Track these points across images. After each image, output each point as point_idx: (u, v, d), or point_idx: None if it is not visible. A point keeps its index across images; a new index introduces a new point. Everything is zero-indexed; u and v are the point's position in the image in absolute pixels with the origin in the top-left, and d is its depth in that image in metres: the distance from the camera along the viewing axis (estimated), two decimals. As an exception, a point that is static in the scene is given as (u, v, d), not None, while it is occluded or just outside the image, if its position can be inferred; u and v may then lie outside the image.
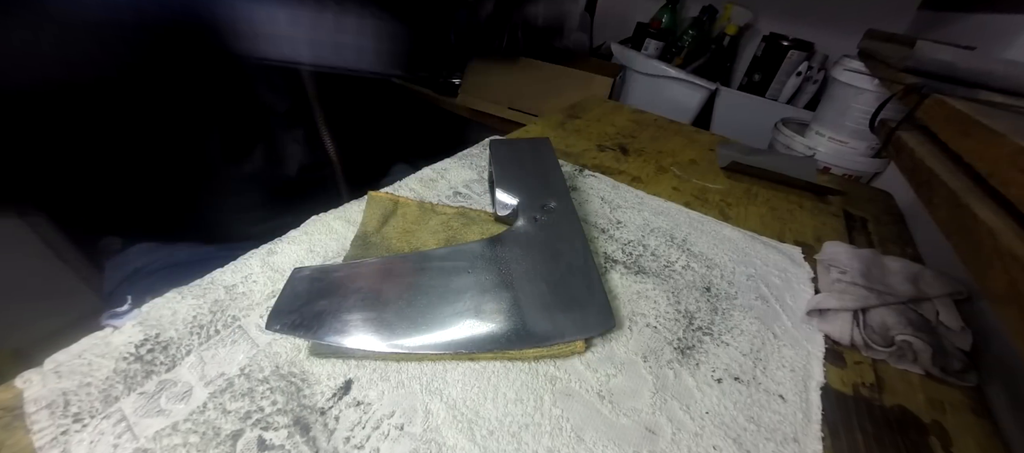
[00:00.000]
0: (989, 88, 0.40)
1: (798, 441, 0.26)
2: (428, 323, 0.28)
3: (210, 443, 0.21)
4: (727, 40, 1.30)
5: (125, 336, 0.26)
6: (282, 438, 0.22)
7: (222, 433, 0.22)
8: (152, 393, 0.23)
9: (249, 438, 0.22)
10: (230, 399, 0.23)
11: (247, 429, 0.22)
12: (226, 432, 0.22)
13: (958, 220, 0.26)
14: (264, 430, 0.22)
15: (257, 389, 0.24)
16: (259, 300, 0.30)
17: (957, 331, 0.34)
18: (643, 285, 0.36)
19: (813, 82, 1.17)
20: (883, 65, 0.59)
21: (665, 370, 0.29)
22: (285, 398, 0.24)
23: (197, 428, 0.22)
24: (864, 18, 1.06)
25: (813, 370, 0.31)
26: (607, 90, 1.10)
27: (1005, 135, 0.24)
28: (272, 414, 0.23)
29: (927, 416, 0.29)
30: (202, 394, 0.24)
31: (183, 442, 0.21)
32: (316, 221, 0.38)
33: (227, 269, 0.32)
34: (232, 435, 0.22)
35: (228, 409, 0.23)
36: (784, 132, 0.93)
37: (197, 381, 0.24)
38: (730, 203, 0.53)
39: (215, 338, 0.27)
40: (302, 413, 0.23)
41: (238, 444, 0.21)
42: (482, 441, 0.23)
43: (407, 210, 0.40)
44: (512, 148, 0.47)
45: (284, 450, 0.22)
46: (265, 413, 0.23)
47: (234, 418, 0.23)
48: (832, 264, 0.40)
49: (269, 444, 0.22)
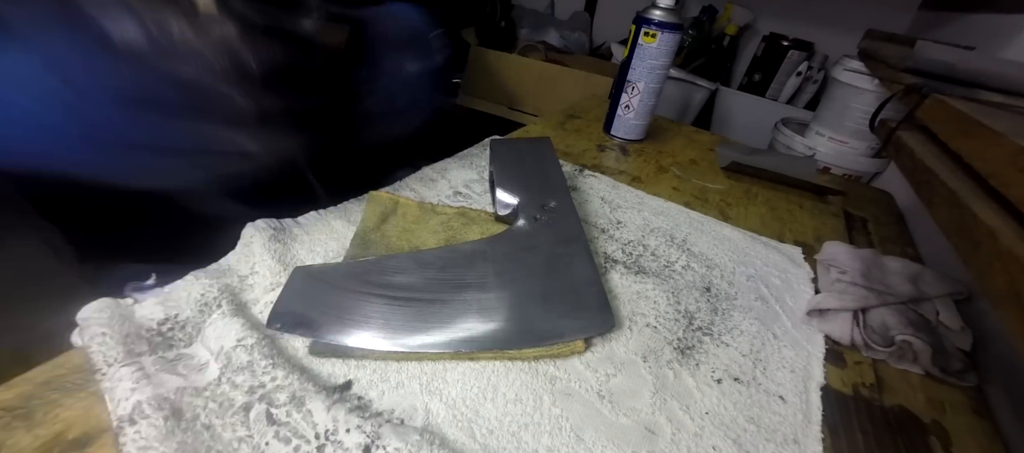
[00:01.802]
0: (989, 88, 0.40)
1: (798, 442, 0.26)
2: (428, 322, 0.28)
3: (226, 412, 0.22)
4: (727, 40, 1.30)
5: (147, 312, 0.26)
6: (284, 415, 0.22)
7: (235, 404, 0.23)
8: (172, 359, 0.24)
9: (259, 410, 0.22)
10: (237, 374, 0.24)
11: (255, 402, 0.23)
12: (239, 404, 0.23)
13: (958, 220, 0.26)
14: (270, 405, 0.23)
15: (259, 363, 0.24)
16: (259, 296, 0.30)
17: (957, 331, 0.34)
18: (643, 285, 0.36)
19: (813, 82, 1.17)
20: (883, 65, 0.59)
21: (665, 370, 0.29)
22: (285, 372, 0.24)
23: (215, 398, 0.23)
24: (864, 18, 1.06)
25: (813, 370, 0.31)
26: (607, 90, 1.10)
27: (1005, 135, 0.24)
28: (273, 391, 0.23)
29: (927, 416, 0.29)
30: (214, 369, 0.24)
31: (204, 405, 0.22)
32: (317, 220, 0.38)
33: (240, 254, 0.32)
34: (244, 406, 0.22)
35: (237, 383, 0.24)
36: (784, 132, 0.93)
37: (211, 357, 0.25)
38: (730, 203, 0.53)
39: (218, 311, 0.27)
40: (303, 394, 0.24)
41: (250, 414, 0.22)
42: (482, 440, 0.23)
43: (407, 210, 0.40)
44: (512, 148, 0.47)
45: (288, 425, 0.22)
46: (267, 389, 0.23)
47: (241, 392, 0.23)
48: (832, 264, 0.40)
49: (276, 419, 0.22)
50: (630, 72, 0.62)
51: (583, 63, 1.27)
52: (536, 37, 1.43)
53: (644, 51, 0.60)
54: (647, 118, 0.65)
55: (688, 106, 1.20)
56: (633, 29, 0.60)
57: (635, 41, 0.60)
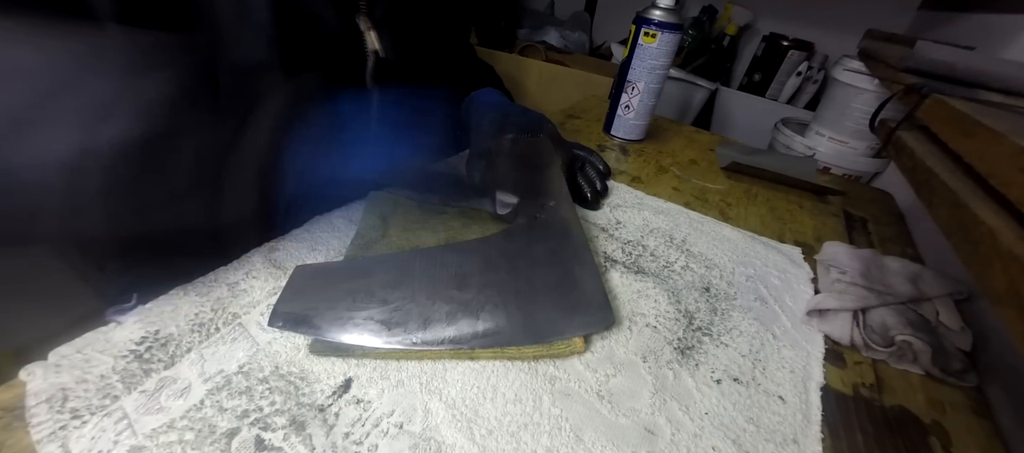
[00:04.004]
0: (989, 88, 0.40)
1: (798, 442, 0.26)
2: (428, 320, 0.28)
3: (205, 440, 0.21)
4: (727, 40, 1.30)
5: (126, 332, 0.26)
6: (279, 439, 0.22)
7: (218, 431, 0.22)
8: (152, 391, 0.23)
9: (246, 437, 0.22)
10: (227, 397, 0.23)
11: (244, 428, 0.22)
12: (222, 430, 0.22)
13: (958, 220, 0.26)
14: (262, 430, 0.22)
15: (256, 388, 0.24)
16: (261, 297, 0.30)
17: (957, 331, 0.34)
18: (643, 285, 0.36)
19: (813, 82, 1.17)
20: (883, 65, 0.59)
21: (664, 370, 0.29)
22: (284, 398, 0.24)
23: (193, 426, 0.22)
24: (864, 18, 1.06)
25: (813, 371, 0.31)
26: (607, 90, 1.10)
27: (1005, 135, 0.24)
28: (270, 414, 0.23)
29: (927, 416, 0.29)
30: (200, 391, 0.24)
31: (179, 439, 0.21)
32: (318, 219, 0.38)
33: (231, 266, 0.32)
34: (228, 433, 0.22)
35: (225, 407, 0.23)
36: (784, 132, 0.93)
37: (196, 378, 0.24)
38: (730, 203, 0.53)
39: (215, 336, 0.27)
40: (300, 412, 0.23)
41: (234, 442, 0.21)
42: (481, 440, 0.23)
43: (407, 209, 0.40)
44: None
45: (281, 451, 0.22)
46: (264, 413, 0.23)
47: (231, 416, 0.23)
48: (832, 264, 0.40)
49: (268, 444, 0.22)
50: (630, 72, 0.62)
51: (583, 63, 1.27)
52: (536, 37, 1.43)
53: (644, 51, 0.60)
54: (647, 118, 0.65)
55: (688, 106, 1.20)
56: (633, 29, 0.60)
57: (635, 41, 0.60)
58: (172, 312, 0.28)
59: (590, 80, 1.15)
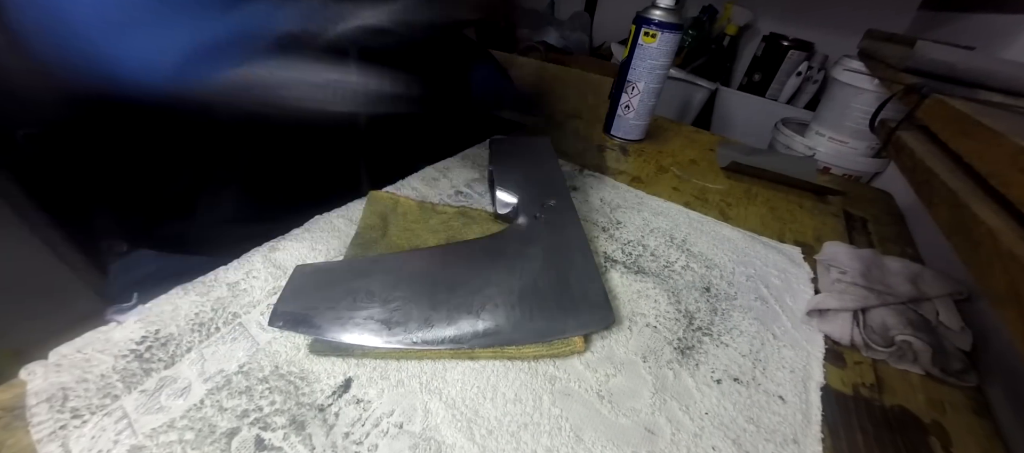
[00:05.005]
0: (989, 88, 0.40)
1: (798, 442, 0.26)
2: (428, 319, 0.28)
3: (205, 440, 0.21)
4: (727, 40, 1.30)
5: (126, 332, 0.26)
6: (279, 439, 0.22)
7: (218, 430, 0.22)
8: (152, 390, 0.23)
9: (246, 436, 0.22)
10: (227, 397, 0.23)
11: (244, 427, 0.22)
12: (222, 430, 0.22)
13: (958, 220, 0.26)
14: (262, 430, 0.22)
15: (256, 388, 0.24)
16: (261, 297, 0.30)
17: (957, 331, 0.34)
18: (643, 285, 0.36)
19: (813, 82, 1.17)
20: (883, 65, 0.59)
21: (665, 370, 0.29)
22: (284, 398, 0.24)
23: (193, 425, 0.22)
24: (864, 18, 1.06)
25: (813, 370, 0.31)
26: (607, 90, 1.10)
27: (1005, 135, 0.25)
28: (270, 414, 0.23)
29: (927, 416, 0.29)
30: (200, 391, 0.24)
31: (179, 439, 0.21)
32: (318, 219, 0.38)
33: (231, 266, 0.32)
34: (228, 433, 0.22)
35: (225, 407, 0.23)
36: (784, 132, 0.93)
37: (196, 378, 0.24)
38: (730, 203, 0.53)
39: (215, 335, 0.27)
40: (300, 412, 0.23)
41: (234, 442, 0.21)
42: (481, 440, 0.23)
43: (407, 209, 0.40)
44: (513, 147, 0.47)
45: (281, 451, 0.22)
46: (264, 412, 0.23)
47: (231, 416, 0.23)
48: (832, 264, 0.40)
49: (268, 444, 0.22)
50: (630, 72, 0.62)
51: (583, 63, 1.27)
52: (536, 37, 1.43)
53: (644, 51, 0.60)
54: (647, 118, 0.65)
55: (688, 106, 1.20)
56: (633, 29, 0.60)
57: (635, 41, 0.60)
58: (172, 312, 0.28)
59: (590, 80, 1.15)
